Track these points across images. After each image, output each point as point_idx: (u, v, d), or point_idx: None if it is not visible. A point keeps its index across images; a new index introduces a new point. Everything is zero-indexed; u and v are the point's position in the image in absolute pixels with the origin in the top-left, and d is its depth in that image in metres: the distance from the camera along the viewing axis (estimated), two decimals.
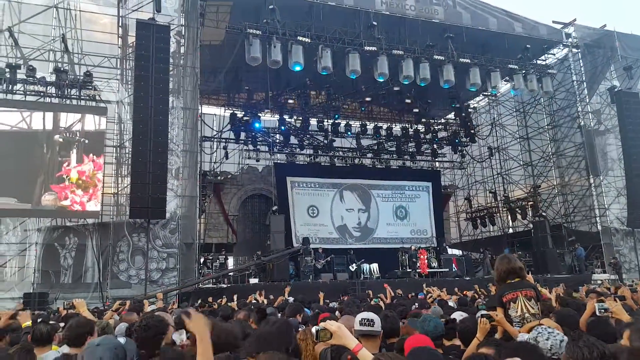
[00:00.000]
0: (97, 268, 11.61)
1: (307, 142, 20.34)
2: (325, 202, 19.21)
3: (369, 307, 4.90)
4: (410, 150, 21.97)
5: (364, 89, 17.73)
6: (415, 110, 20.38)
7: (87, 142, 12.17)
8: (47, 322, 3.66)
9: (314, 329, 2.03)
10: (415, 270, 14.52)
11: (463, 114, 21.06)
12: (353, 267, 14.34)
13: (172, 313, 4.80)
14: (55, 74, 12.31)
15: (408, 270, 14.55)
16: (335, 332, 1.99)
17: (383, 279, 13.25)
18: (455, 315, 3.59)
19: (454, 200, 24.43)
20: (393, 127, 21.12)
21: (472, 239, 22.51)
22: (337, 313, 4.69)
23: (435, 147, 22.19)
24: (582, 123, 17.64)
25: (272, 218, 15.39)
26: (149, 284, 11.09)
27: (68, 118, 12.28)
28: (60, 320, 3.66)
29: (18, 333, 3.77)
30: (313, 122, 19.63)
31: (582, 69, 17.52)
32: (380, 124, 20.84)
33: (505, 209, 21.37)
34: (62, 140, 11.98)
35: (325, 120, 19.73)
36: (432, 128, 21.61)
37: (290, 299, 7.50)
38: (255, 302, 7.46)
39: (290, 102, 18.97)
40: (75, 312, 4.64)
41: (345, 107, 20.10)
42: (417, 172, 22.03)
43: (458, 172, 23.72)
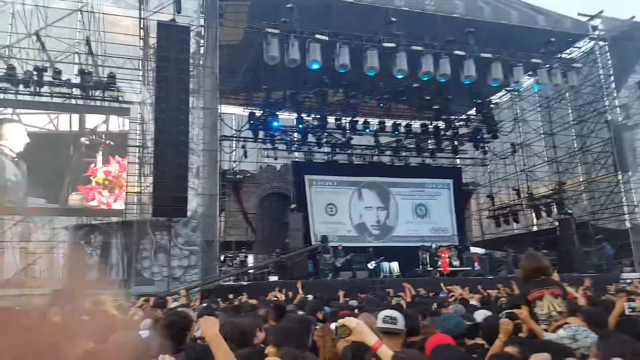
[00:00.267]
0: (121, 265, 11.88)
1: (324, 140, 20.31)
2: (344, 200, 19.13)
3: (391, 305, 4.88)
4: (430, 147, 21.68)
5: (383, 86, 17.58)
6: (435, 107, 20.10)
7: (112, 144, 12.41)
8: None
9: (333, 325, 2.02)
10: (437, 269, 14.33)
11: (484, 110, 20.66)
12: (372, 265, 14.24)
13: (194, 309, 4.87)
14: (80, 76, 12.63)
15: (429, 269, 14.38)
16: (355, 328, 1.96)
17: (403, 278, 13.12)
18: (479, 314, 3.53)
19: (476, 198, 24.01)
20: (412, 124, 20.88)
21: (495, 237, 22.11)
22: (355, 311, 4.67)
23: (456, 143, 21.83)
24: (609, 118, 17.07)
25: (290, 216, 15.45)
26: (172, 281, 11.27)
27: (93, 119, 12.54)
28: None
29: None
30: (331, 120, 19.56)
31: (609, 62, 16.95)
32: (399, 121, 20.59)
33: (529, 207, 20.92)
34: (88, 143, 12.23)
35: (343, 118, 19.66)
36: (452, 124, 21.27)
37: (310, 297, 7.52)
38: (275, 299, 7.50)
39: (308, 100, 18.97)
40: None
41: (363, 104, 19.98)
42: (437, 169, 21.70)
43: (480, 169, 23.30)
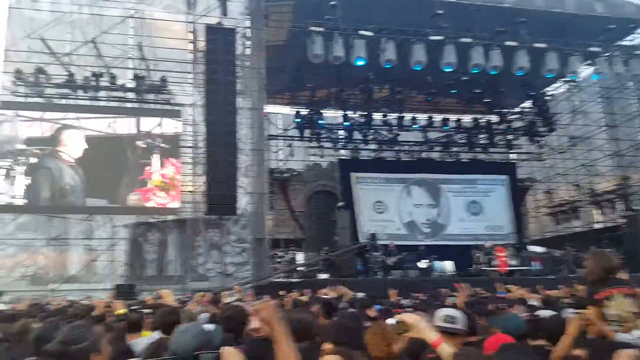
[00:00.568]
0: (178, 262, 12.43)
1: (371, 137, 20.11)
2: (392, 197, 18.84)
3: (446, 305, 4.76)
4: (483, 142, 20.88)
5: (430, 80, 17.15)
6: (486, 100, 19.34)
7: (167, 147, 12.96)
8: (137, 310, 3.98)
9: (392, 321, 1.98)
10: (492, 268, 13.78)
11: (539, 102, 19.64)
12: (423, 264, 13.90)
13: (249, 304, 4.98)
14: (135, 81, 13.31)
15: (484, 268, 13.86)
16: (413, 324, 1.92)
17: (458, 277, 12.72)
18: (541, 314, 3.36)
19: (533, 194, 22.87)
20: (463, 118, 20.21)
21: (554, 235, 20.97)
22: (408, 310, 4.59)
23: (510, 138, 20.90)
24: None
25: (338, 214, 15.45)
26: (225, 277, 11.64)
27: (148, 123, 13.16)
28: (148, 309, 3.97)
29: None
30: (377, 116, 19.33)
31: None
32: (448, 116, 19.97)
33: (591, 203, 19.69)
34: (145, 146, 12.84)
35: (390, 114, 19.37)
36: (505, 118, 20.38)
37: (360, 295, 7.46)
38: (326, 296, 7.52)
39: (353, 97, 18.86)
40: (163, 301, 5.00)
41: (410, 99, 19.59)
42: (490, 165, 20.88)
43: (536, 164, 22.13)
